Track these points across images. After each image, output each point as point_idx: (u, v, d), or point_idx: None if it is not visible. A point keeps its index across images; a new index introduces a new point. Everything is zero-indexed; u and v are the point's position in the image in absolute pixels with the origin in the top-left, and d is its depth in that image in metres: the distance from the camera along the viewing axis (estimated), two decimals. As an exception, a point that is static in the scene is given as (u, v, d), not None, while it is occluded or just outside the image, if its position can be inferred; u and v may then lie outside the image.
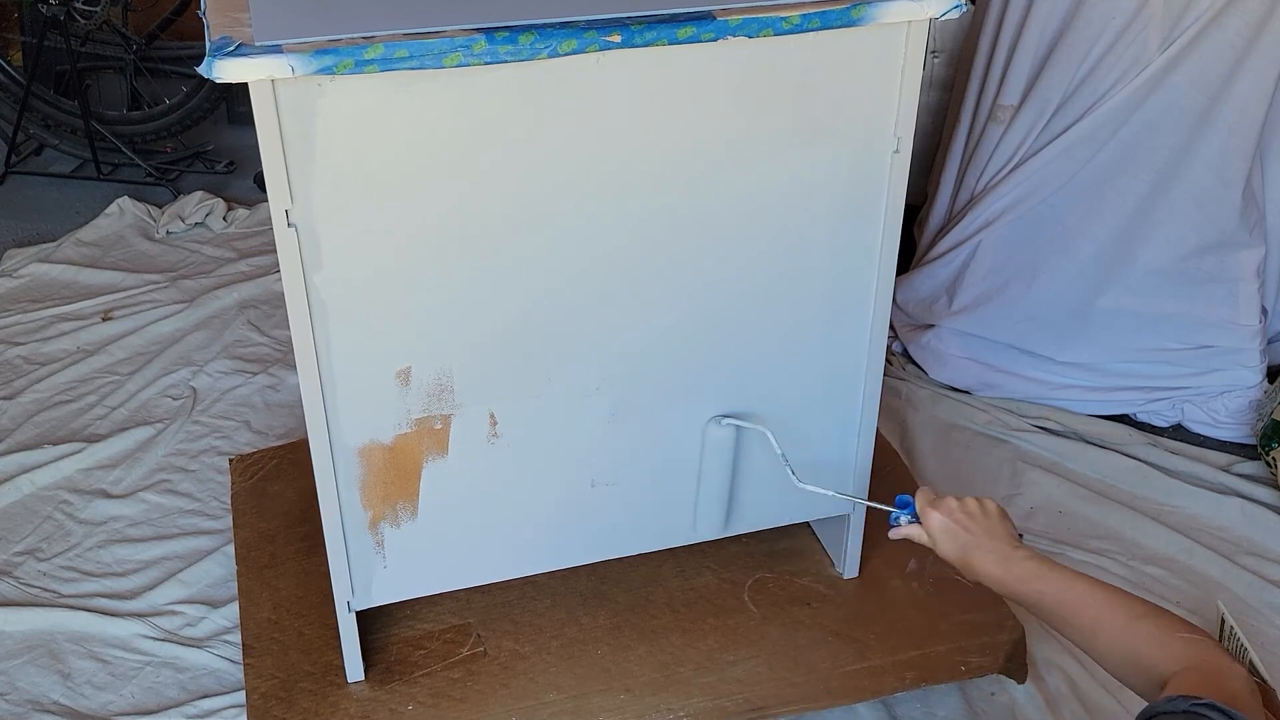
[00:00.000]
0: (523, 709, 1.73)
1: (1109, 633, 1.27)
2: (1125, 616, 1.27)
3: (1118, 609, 1.28)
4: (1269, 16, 2.23)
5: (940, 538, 1.48)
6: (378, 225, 1.42)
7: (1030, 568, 1.38)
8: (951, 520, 1.47)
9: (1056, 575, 1.36)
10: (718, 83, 1.44)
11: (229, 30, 1.29)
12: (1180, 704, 1.06)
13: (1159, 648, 1.22)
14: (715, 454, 1.70)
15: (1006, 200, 2.55)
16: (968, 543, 1.45)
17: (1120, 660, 1.26)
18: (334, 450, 1.54)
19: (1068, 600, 1.33)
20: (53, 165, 3.59)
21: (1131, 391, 2.53)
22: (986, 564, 1.42)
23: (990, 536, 1.44)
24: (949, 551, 1.47)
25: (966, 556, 1.44)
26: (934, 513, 1.48)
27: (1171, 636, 1.22)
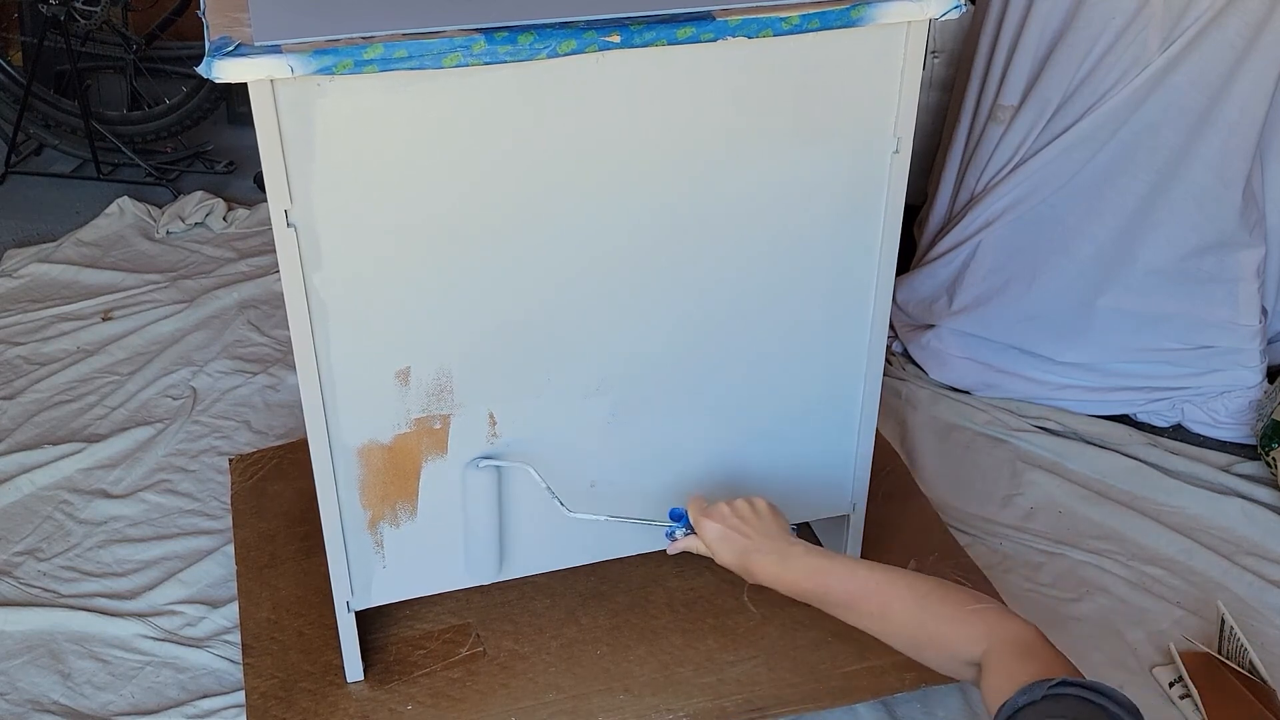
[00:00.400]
0: (522, 709, 1.73)
1: (898, 616, 1.28)
2: (911, 597, 1.28)
3: (902, 590, 1.29)
4: (1269, 16, 2.23)
5: (717, 546, 1.47)
6: (377, 225, 1.42)
7: (809, 563, 1.38)
8: (725, 526, 1.46)
9: (836, 566, 1.36)
10: (717, 83, 1.44)
11: (229, 30, 1.29)
12: (1037, 690, 1.06)
13: (953, 626, 1.22)
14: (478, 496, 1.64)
15: (1006, 200, 2.55)
16: (745, 547, 1.44)
17: (914, 641, 1.27)
18: (333, 450, 1.54)
19: (851, 589, 1.33)
20: (53, 165, 3.59)
21: (1131, 391, 2.52)
22: (766, 565, 1.42)
23: (766, 536, 1.44)
24: (728, 559, 1.46)
25: (746, 562, 1.44)
26: (707, 521, 1.48)
27: (962, 612, 1.22)
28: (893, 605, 1.29)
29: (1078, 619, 2.06)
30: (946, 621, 1.23)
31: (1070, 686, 1.06)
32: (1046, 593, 2.11)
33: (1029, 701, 1.06)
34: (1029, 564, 2.17)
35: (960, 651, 1.21)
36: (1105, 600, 2.09)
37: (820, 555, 1.39)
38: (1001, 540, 2.21)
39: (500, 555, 1.71)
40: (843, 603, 1.33)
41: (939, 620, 1.24)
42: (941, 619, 1.24)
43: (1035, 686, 1.07)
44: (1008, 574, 2.14)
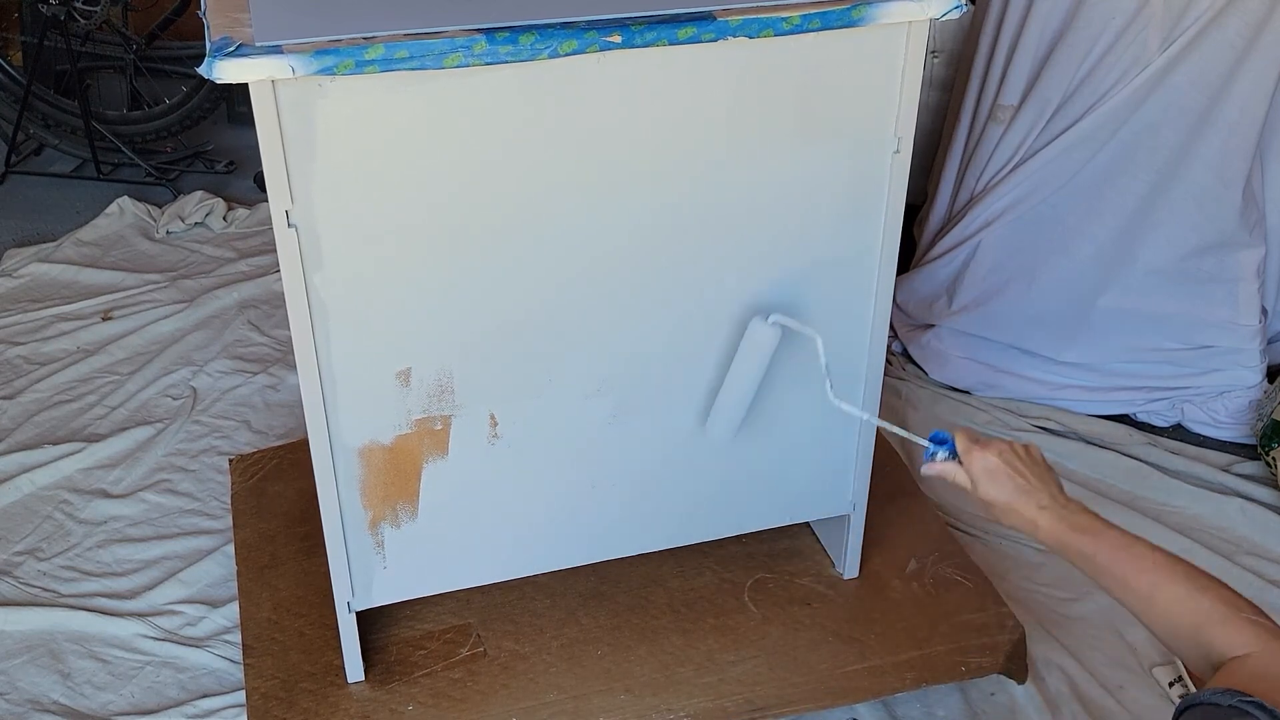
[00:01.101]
0: (523, 709, 1.73)
1: (1166, 599, 1.21)
2: (1186, 586, 1.21)
3: (1179, 577, 1.22)
4: (1269, 16, 2.23)
5: (984, 479, 1.38)
6: (378, 225, 1.42)
7: (1086, 520, 1.31)
8: (1001, 461, 1.37)
9: (1114, 531, 1.29)
10: (718, 83, 1.44)
11: (229, 30, 1.29)
12: (1227, 698, 1.03)
13: (1224, 628, 1.16)
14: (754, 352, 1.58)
15: (1006, 200, 2.55)
16: (1020, 487, 1.36)
17: (1174, 630, 1.21)
18: (334, 450, 1.54)
19: (1124, 559, 1.26)
20: (53, 165, 3.59)
21: (1131, 391, 2.53)
22: (1040, 513, 1.33)
23: (1043, 484, 1.36)
24: (994, 496, 1.37)
25: (1016, 504, 1.35)
26: (979, 452, 1.38)
27: (1238, 618, 1.16)
28: (1164, 588, 1.22)
29: (1078, 619, 2.06)
30: (1218, 621, 1.17)
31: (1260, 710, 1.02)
32: (1046, 593, 2.11)
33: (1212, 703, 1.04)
34: (1029, 564, 2.17)
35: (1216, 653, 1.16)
36: (1105, 600, 2.08)
37: (1097, 517, 1.31)
38: (1001, 540, 2.21)
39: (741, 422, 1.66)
40: (1112, 571, 1.26)
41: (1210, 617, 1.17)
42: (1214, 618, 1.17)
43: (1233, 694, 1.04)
44: (1008, 574, 2.14)
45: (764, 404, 1.71)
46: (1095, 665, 1.97)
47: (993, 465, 1.37)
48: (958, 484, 1.42)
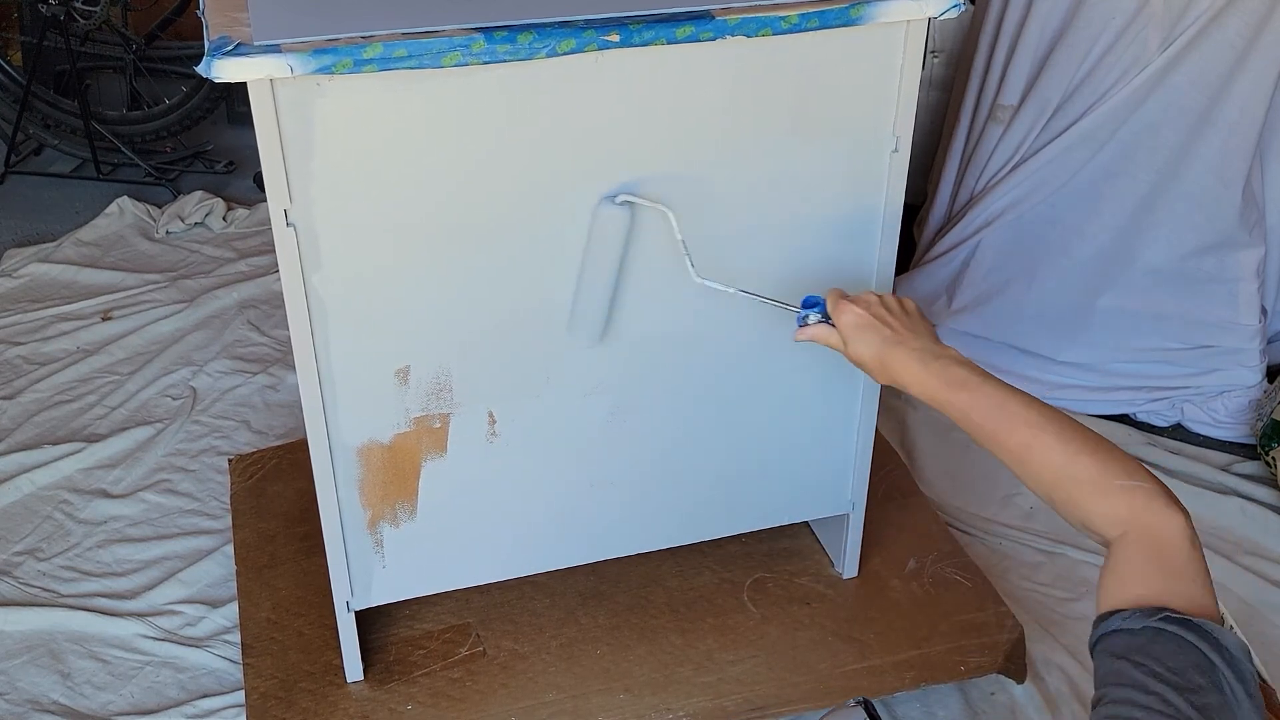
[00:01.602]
0: (522, 709, 1.73)
1: (1040, 462, 1.16)
2: (1061, 447, 1.15)
3: (1052, 437, 1.16)
4: (1269, 16, 2.23)
5: (854, 335, 1.33)
6: (377, 225, 1.42)
7: (958, 373, 1.25)
8: (870, 313, 1.32)
9: (990, 386, 1.23)
10: (716, 82, 1.44)
11: (228, 30, 1.29)
12: (1137, 620, 0.99)
13: (1094, 497, 1.11)
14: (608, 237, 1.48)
15: (1006, 200, 2.55)
16: (888, 338, 1.30)
17: (1049, 495, 1.16)
18: (333, 450, 1.54)
19: (1000, 416, 1.20)
20: (53, 165, 3.59)
21: (1131, 391, 2.52)
22: (909, 363, 1.28)
23: (913, 333, 1.31)
24: (863, 352, 1.32)
25: (885, 356, 1.30)
26: (847, 306, 1.34)
27: (1107, 484, 1.11)
28: (1035, 450, 1.16)
29: (1077, 619, 2.06)
30: (1089, 488, 1.11)
31: (1175, 624, 0.97)
32: (1046, 592, 2.11)
33: (1125, 629, 0.99)
34: (1029, 563, 2.17)
35: (1093, 524, 1.11)
36: (1105, 600, 2.09)
37: (972, 368, 1.25)
38: (1001, 540, 2.21)
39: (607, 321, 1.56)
40: (982, 427, 1.21)
41: (1080, 485, 1.12)
42: (1084, 484, 1.12)
43: (1138, 615, 0.99)
44: (1007, 574, 2.14)
45: (764, 404, 1.71)
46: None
47: (862, 319, 1.33)
48: (831, 345, 1.37)
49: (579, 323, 1.56)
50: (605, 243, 1.49)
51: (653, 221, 1.49)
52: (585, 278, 1.52)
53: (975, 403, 1.22)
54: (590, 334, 1.57)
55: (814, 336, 1.40)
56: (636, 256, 1.52)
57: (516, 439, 1.62)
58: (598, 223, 1.48)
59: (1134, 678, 0.96)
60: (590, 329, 1.57)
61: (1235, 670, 0.97)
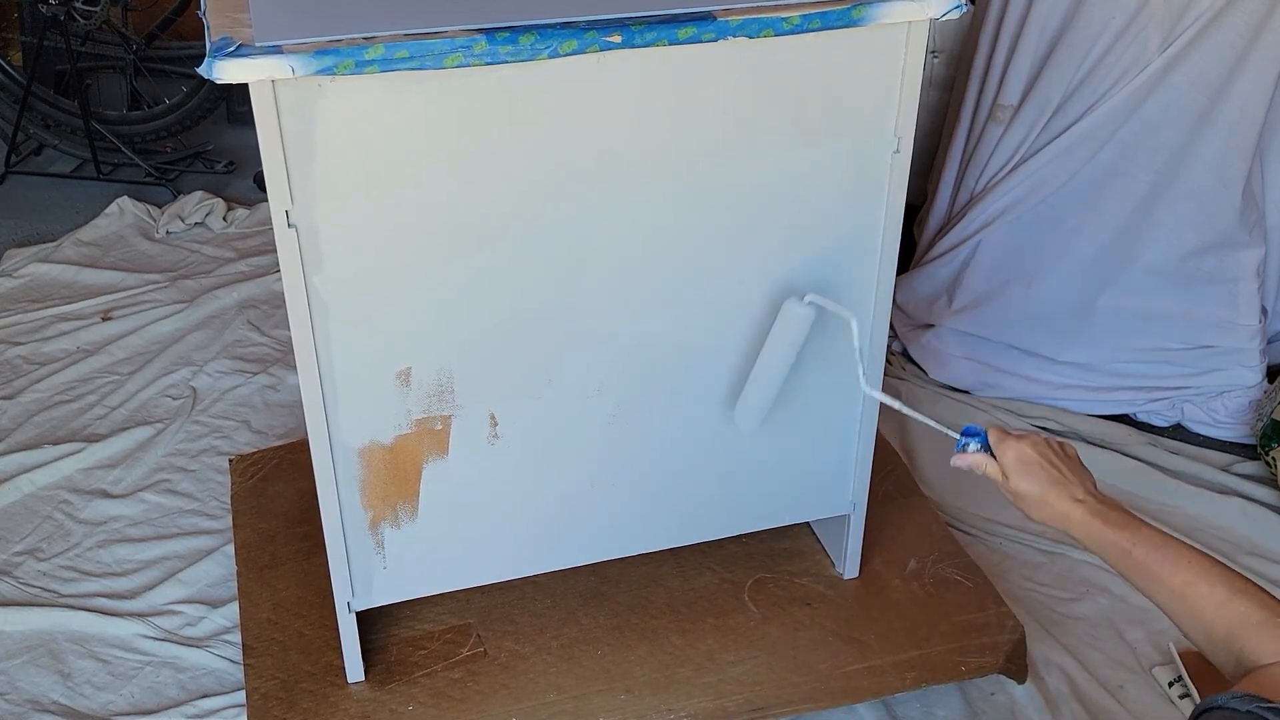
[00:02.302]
0: (523, 709, 1.73)
1: (1200, 600, 1.19)
2: (1223, 588, 1.19)
3: (1215, 579, 1.20)
4: (1269, 16, 2.23)
5: (1018, 469, 1.36)
6: (378, 225, 1.42)
7: (1122, 516, 1.29)
8: (1036, 452, 1.35)
9: (1150, 529, 1.27)
10: (717, 83, 1.44)
11: (229, 30, 1.29)
12: (1245, 703, 1.01)
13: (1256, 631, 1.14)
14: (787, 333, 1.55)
15: (1006, 200, 2.55)
16: (1054, 479, 1.33)
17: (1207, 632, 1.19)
18: (334, 451, 1.54)
19: (1160, 557, 1.24)
20: (53, 165, 3.59)
21: (1131, 391, 2.53)
22: (1073, 506, 1.31)
23: (1079, 479, 1.34)
24: (1026, 487, 1.35)
25: (1047, 494, 1.33)
26: (1012, 443, 1.37)
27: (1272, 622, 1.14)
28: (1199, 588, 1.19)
29: (1078, 619, 2.06)
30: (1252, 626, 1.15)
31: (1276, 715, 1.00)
32: (1046, 592, 2.11)
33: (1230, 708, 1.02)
34: (1029, 564, 2.17)
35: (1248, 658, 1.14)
36: (1105, 600, 2.09)
37: (1133, 514, 1.29)
38: (1001, 540, 2.21)
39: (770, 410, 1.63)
40: (1146, 567, 1.24)
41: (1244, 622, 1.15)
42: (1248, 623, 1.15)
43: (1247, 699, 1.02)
44: (1008, 574, 2.14)
45: (764, 404, 1.71)
46: (1095, 665, 1.97)
47: (1027, 456, 1.35)
48: (989, 475, 1.40)
49: (746, 409, 1.64)
50: (787, 341, 1.56)
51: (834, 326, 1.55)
52: (760, 368, 1.59)
53: (1138, 544, 1.26)
54: (753, 422, 1.65)
55: (974, 465, 1.42)
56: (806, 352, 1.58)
57: (518, 440, 1.62)
58: (783, 319, 1.55)
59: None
60: (755, 416, 1.64)
61: None
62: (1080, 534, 1.31)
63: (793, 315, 1.54)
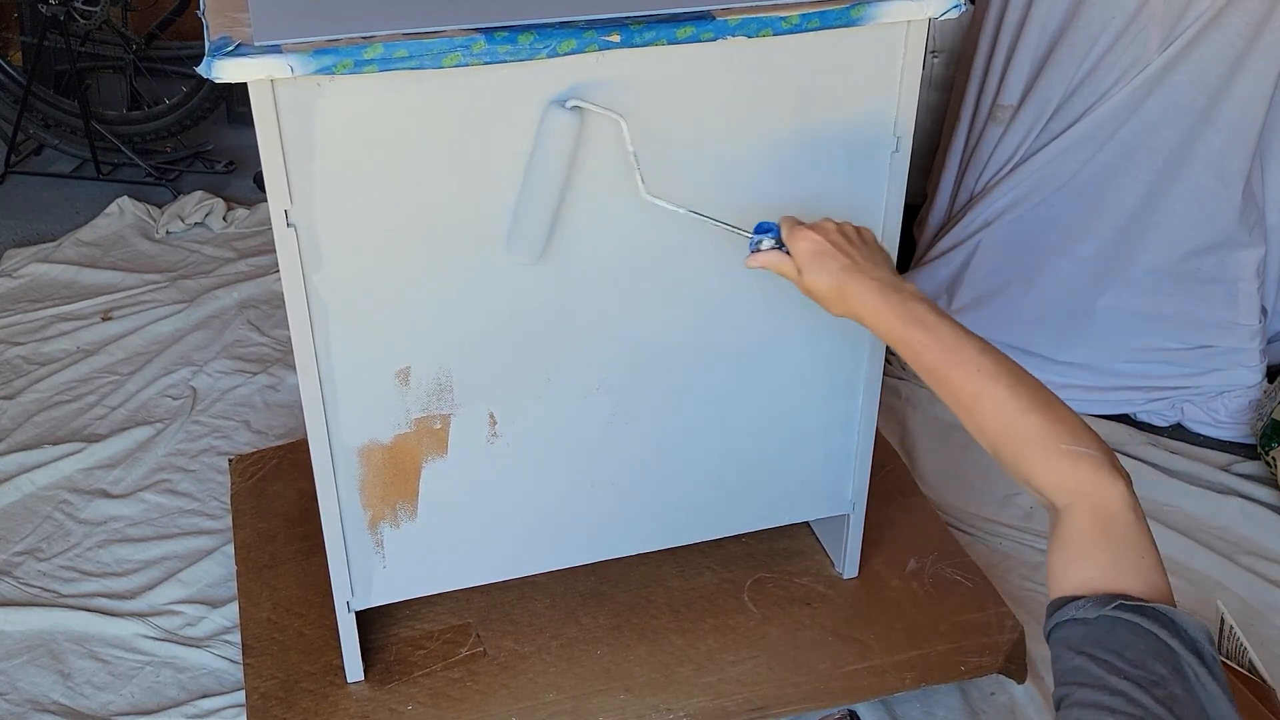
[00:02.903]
0: (522, 709, 1.73)
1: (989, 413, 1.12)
2: (1012, 401, 1.11)
3: (1005, 389, 1.12)
4: (1269, 16, 2.23)
5: (810, 263, 1.27)
6: (377, 225, 1.42)
7: (916, 309, 1.20)
8: (828, 240, 1.27)
9: (947, 326, 1.18)
10: (717, 83, 1.44)
11: (228, 30, 1.29)
12: (1090, 610, 0.97)
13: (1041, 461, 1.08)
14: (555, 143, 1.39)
15: (1006, 200, 2.55)
16: (846, 266, 1.25)
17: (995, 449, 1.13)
18: (334, 450, 1.54)
19: (950, 362, 1.16)
20: (53, 165, 3.59)
21: (1131, 391, 2.53)
22: (866, 294, 1.22)
23: (874, 264, 1.26)
24: (820, 281, 1.27)
25: (842, 285, 1.25)
26: (804, 232, 1.28)
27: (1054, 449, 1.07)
28: (985, 401, 1.12)
29: (1078, 619, 2.05)
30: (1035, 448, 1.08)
31: (1130, 612, 0.95)
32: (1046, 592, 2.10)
33: (1080, 619, 0.97)
34: (1029, 563, 2.17)
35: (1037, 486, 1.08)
36: (1105, 600, 2.09)
37: (931, 306, 1.21)
38: (1001, 540, 2.21)
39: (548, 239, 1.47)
40: (934, 370, 1.17)
41: (1027, 444, 1.09)
42: (1030, 443, 1.08)
43: (1092, 603, 0.97)
44: (1008, 574, 2.14)
45: (764, 404, 1.71)
46: (1095, 665, 1.97)
47: (819, 246, 1.28)
48: (784, 273, 1.33)
49: (519, 238, 1.47)
50: (552, 152, 1.40)
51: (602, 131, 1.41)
52: (528, 190, 1.43)
53: (930, 343, 1.18)
54: (530, 250, 1.47)
55: (766, 264, 1.34)
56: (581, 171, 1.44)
57: (517, 439, 1.62)
58: (545, 130, 1.38)
59: (1096, 675, 0.93)
60: (530, 245, 1.47)
61: (1198, 653, 0.94)
62: (873, 326, 1.23)
63: (556, 122, 1.37)
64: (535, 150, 1.40)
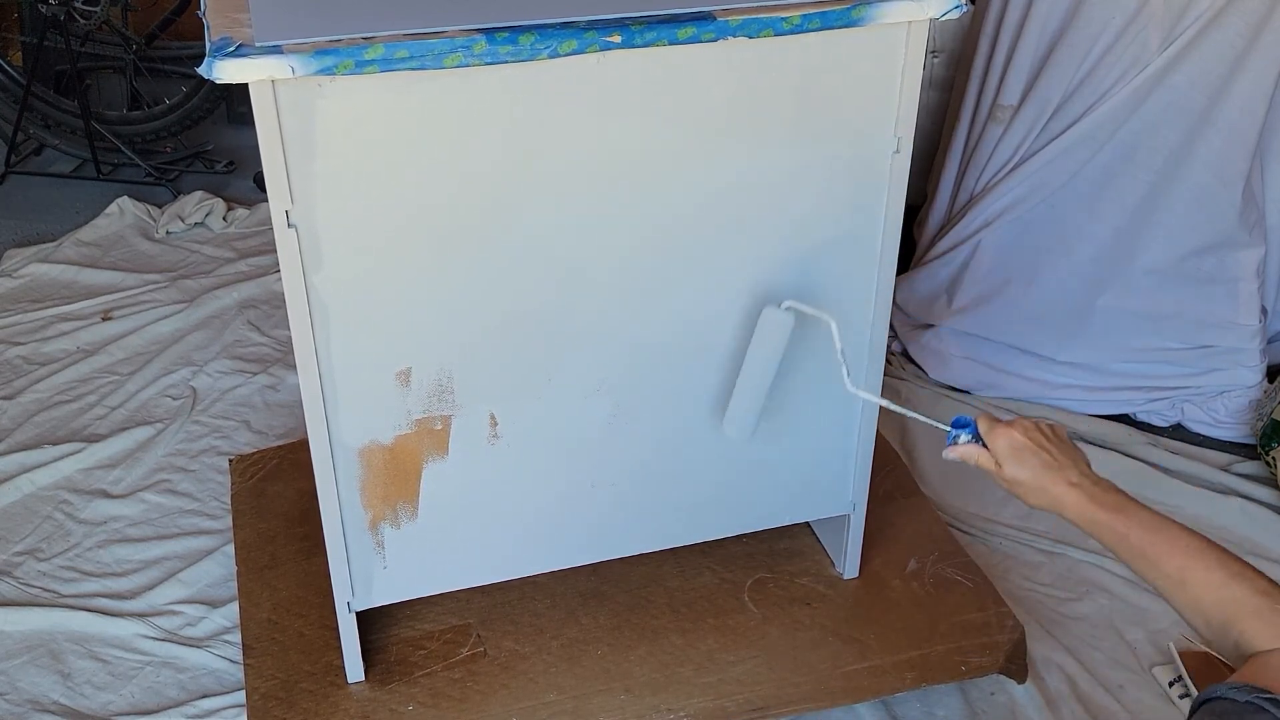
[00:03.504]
0: (523, 709, 1.73)
1: (1198, 584, 1.18)
2: (1220, 572, 1.17)
3: (1212, 562, 1.18)
4: (1269, 16, 2.23)
5: (1010, 457, 1.35)
6: (378, 225, 1.42)
7: (1118, 499, 1.27)
8: (1027, 438, 1.34)
9: (1147, 512, 1.25)
10: (718, 83, 1.44)
11: (229, 30, 1.29)
12: (1243, 693, 1.01)
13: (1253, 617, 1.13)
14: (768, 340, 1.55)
15: (1006, 200, 2.55)
16: (1047, 464, 1.32)
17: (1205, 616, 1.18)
18: (334, 451, 1.54)
19: (1157, 540, 1.22)
20: (53, 165, 3.59)
21: (1131, 391, 2.53)
22: (1068, 490, 1.30)
23: (1072, 461, 1.33)
24: (1020, 476, 1.34)
25: (1042, 479, 1.32)
26: (1005, 429, 1.36)
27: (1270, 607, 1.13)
28: (1197, 573, 1.18)
29: (1078, 619, 2.06)
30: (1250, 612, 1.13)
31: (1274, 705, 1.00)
32: (1047, 592, 2.11)
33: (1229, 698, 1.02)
34: (1029, 564, 2.17)
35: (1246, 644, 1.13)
36: (1105, 600, 2.09)
37: (1128, 497, 1.28)
38: (1001, 540, 2.21)
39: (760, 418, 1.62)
40: (1142, 551, 1.23)
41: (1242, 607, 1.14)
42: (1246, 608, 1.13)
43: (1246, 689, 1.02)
44: (1008, 574, 2.14)
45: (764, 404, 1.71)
46: (1095, 665, 1.97)
47: (1018, 442, 1.34)
48: (981, 465, 1.39)
49: (735, 419, 1.62)
50: (768, 347, 1.55)
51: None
52: (744, 376, 1.58)
53: (1133, 527, 1.25)
54: (744, 432, 1.62)
55: (965, 456, 1.41)
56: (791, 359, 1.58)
57: (518, 440, 1.62)
58: (762, 326, 1.54)
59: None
60: (744, 426, 1.62)
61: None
62: (1075, 518, 1.30)
63: (771, 322, 1.54)
64: (753, 343, 1.56)
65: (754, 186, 1.53)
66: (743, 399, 1.60)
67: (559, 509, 1.71)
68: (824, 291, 1.64)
